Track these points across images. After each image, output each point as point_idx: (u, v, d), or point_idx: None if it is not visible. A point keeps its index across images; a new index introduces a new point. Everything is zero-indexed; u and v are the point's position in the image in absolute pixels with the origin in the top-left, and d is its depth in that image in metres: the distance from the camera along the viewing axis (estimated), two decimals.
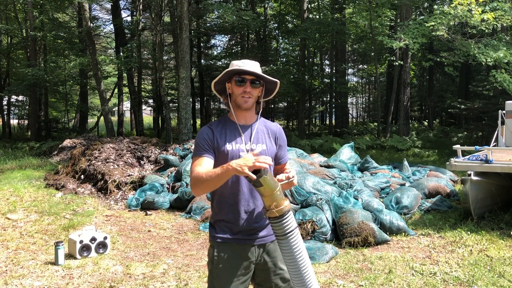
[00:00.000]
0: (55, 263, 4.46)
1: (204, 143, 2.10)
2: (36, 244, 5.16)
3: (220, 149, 2.09)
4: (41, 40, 17.98)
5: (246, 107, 2.12)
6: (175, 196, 7.07)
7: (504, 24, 11.19)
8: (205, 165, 2.04)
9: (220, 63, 25.44)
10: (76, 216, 6.34)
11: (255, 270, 2.15)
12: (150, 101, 26.63)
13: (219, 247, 2.13)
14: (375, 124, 18.70)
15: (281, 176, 1.98)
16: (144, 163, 9.23)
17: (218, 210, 2.15)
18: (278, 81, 2.18)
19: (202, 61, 24.67)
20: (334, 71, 22.88)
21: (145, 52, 23.31)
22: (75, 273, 4.26)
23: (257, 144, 2.15)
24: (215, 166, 2.05)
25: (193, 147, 9.50)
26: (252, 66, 2.14)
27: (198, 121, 27.35)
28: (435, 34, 11.46)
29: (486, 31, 11.23)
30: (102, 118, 18.81)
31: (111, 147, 9.45)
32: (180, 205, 6.90)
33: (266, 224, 2.13)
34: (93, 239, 4.71)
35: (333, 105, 24.42)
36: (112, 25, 22.34)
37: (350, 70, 30.02)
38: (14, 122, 26.50)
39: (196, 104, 25.95)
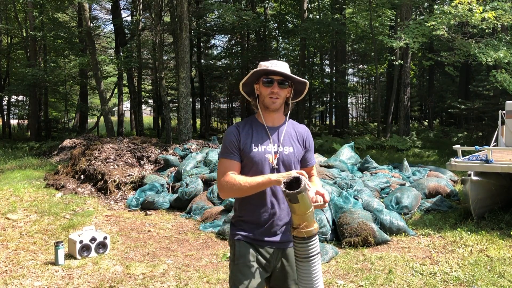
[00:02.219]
0: (55, 263, 4.46)
1: (231, 146, 2.09)
2: (36, 244, 5.16)
3: (246, 150, 2.08)
4: (41, 40, 17.97)
5: (274, 108, 2.09)
6: (175, 196, 7.06)
7: (505, 24, 11.19)
8: (235, 169, 2.06)
9: (220, 63, 25.46)
10: (76, 216, 6.33)
11: (272, 273, 2.12)
12: (150, 101, 26.64)
13: (240, 245, 2.09)
14: (375, 124, 18.70)
15: (318, 198, 1.93)
16: (144, 163, 9.23)
17: (241, 210, 2.13)
18: (307, 81, 2.13)
19: (202, 61, 24.68)
20: (334, 71, 22.87)
21: (145, 52, 23.33)
22: (75, 273, 4.26)
23: (284, 146, 2.11)
24: (245, 170, 2.07)
25: (193, 147, 9.53)
26: (280, 66, 2.10)
27: (198, 121, 27.35)
28: (435, 34, 11.46)
29: (487, 30, 11.23)
30: (102, 118, 18.82)
31: (111, 147, 9.45)
32: (180, 205, 6.90)
33: (286, 229, 2.10)
34: (93, 239, 4.70)
35: (333, 105, 24.42)
36: (112, 25, 22.34)
37: (350, 70, 30.02)
38: (14, 122, 26.50)
39: (196, 104, 25.95)
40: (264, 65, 2.11)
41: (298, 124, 2.25)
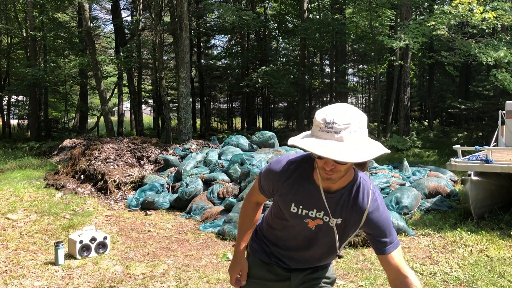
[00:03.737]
0: (55, 263, 4.46)
1: (264, 184, 1.72)
2: (36, 244, 5.16)
3: (281, 204, 1.67)
4: (41, 40, 17.97)
5: (329, 184, 1.53)
6: (175, 196, 7.06)
7: (505, 24, 11.20)
8: (260, 199, 1.83)
9: (220, 63, 25.46)
10: (76, 216, 6.33)
11: None
12: (150, 101, 26.62)
13: (254, 260, 1.85)
14: (375, 124, 18.69)
15: None
16: (144, 163, 9.23)
17: (267, 229, 1.84)
18: (380, 148, 1.41)
19: (202, 61, 24.67)
20: (334, 71, 22.86)
21: (145, 52, 23.31)
22: (75, 273, 4.26)
23: (332, 217, 1.60)
24: (274, 208, 1.76)
25: (193, 147, 9.53)
26: (339, 134, 1.35)
27: (198, 121, 27.34)
28: (435, 34, 11.46)
29: (487, 30, 11.24)
30: (102, 118, 18.81)
31: (111, 147, 9.45)
32: (180, 205, 6.90)
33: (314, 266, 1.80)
34: (93, 239, 4.70)
35: None
36: (112, 25, 22.35)
37: (350, 70, 29.98)
38: (14, 122, 26.48)
39: (196, 104, 25.94)
40: (318, 123, 1.39)
41: (368, 191, 1.58)
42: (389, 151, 1.45)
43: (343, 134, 1.34)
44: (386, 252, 1.58)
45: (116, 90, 22.73)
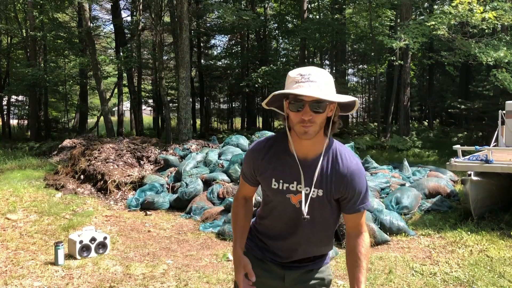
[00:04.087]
0: (55, 263, 4.46)
1: (246, 171, 1.74)
2: (36, 244, 5.15)
3: (264, 183, 1.69)
4: (41, 40, 17.96)
5: (306, 138, 1.53)
6: (175, 196, 7.06)
7: (505, 24, 11.20)
8: (248, 192, 1.82)
9: (220, 63, 25.45)
10: (76, 216, 6.33)
11: None
12: (150, 101, 26.63)
13: (249, 255, 1.79)
14: (375, 124, 18.70)
15: None
16: (144, 163, 9.23)
17: (260, 219, 1.82)
18: (356, 99, 1.54)
19: (202, 61, 24.67)
20: (334, 71, 22.86)
21: (145, 52, 23.31)
22: (75, 273, 4.26)
23: (312, 189, 1.60)
24: (265, 197, 1.75)
25: (193, 147, 9.53)
26: (316, 79, 1.47)
27: (198, 121, 27.34)
28: (435, 34, 11.46)
29: (487, 30, 11.24)
30: (102, 118, 18.81)
31: (111, 147, 9.45)
32: (180, 205, 6.90)
33: (308, 259, 1.78)
34: (93, 239, 4.70)
35: None
36: (112, 25, 22.35)
37: (350, 70, 29.99)
38: (14, 122, 26.48)
39: (196, 104, 25.94)
40: (293, 78, 1.50)
41: (346, 156, 1.61)
42: (356, 99, 1.55)
43: (319, 83, 1.47)
44: (357, 211, 1.66)
45: (116, 90, 22.73)
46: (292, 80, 1.50)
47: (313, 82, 1.46)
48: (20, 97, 24.81)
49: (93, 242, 4.70)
